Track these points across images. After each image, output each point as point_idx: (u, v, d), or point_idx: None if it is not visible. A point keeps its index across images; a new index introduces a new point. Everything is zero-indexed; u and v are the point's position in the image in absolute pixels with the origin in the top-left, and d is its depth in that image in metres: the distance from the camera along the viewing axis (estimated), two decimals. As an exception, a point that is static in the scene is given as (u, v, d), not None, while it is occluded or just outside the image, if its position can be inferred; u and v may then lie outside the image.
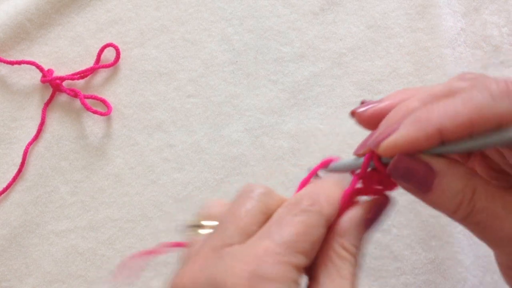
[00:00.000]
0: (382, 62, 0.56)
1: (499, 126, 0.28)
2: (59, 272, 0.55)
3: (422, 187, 0.31)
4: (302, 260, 0.30)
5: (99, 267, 0.55)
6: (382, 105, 0.34)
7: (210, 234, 0.32)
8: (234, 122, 0.56)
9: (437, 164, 0.30)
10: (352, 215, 0.33)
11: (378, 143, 0.31)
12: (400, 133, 0.30)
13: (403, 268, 0.53)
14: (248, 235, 0.31)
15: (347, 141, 0.55)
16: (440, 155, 0.31)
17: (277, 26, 0.57)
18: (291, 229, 0.30)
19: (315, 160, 0.55)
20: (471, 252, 0.52)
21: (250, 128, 0.56)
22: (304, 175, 0.55)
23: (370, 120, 0.35)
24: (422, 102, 0.31)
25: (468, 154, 0.38)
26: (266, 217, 0.32)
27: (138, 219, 0.55)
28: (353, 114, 0.36)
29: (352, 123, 0.55)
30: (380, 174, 0.33)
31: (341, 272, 0.31)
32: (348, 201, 0.33)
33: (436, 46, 0.55)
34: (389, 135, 0.31)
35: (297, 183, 0.55)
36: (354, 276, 0.31)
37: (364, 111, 0.35)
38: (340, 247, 0.31)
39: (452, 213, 0.31)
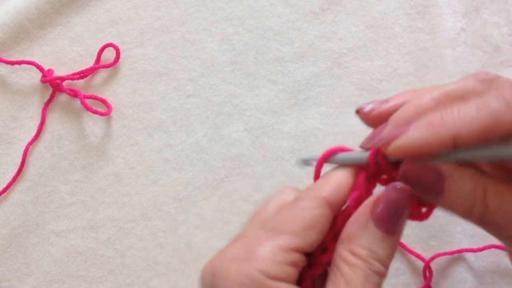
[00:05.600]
0: (382, 62, 0.56)
1: None
2: (59, 272, 0.55)
3: (433, 191, 0.30)
4: (287, 241, 0.30)
5: (99, 267, 0.55)
6: (388, 105, 0.33)
7: None
8: (234, 122, 0.56)
9: (445, 167, 0.30)
10: (358, 215, 0.31)
11: (386, 143, 0.30)
12: (411, 135, 0.29)
13: (403, 268, 0.53)
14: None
15: (347, 141, 0.55)
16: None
17: (277, 26, 0.57)
18: (281, 214, 0.31)
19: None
20: (471, 252, 0.52)
21: (250, 128, 0.56)
22: (303, 175, 0.55)
23: (376, 121, 0.33)
24: (435, 102, 0.30)
25: None
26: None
27: (138, 219, 0.55)
28: (358, 112, 0.35)
29: (352, 123, 0.55)
30: (386, 172, 0.33)
31: (348, 280, 0.29)
32: (358, 199, 0.32)
33: (436, 46, 0.55)
34: (398, 135, 0.30)
35: (297, 183, 0.55)
36: (366, 284, 0.29)
37: (370, 111, 0.34)
38: (347, 253, 0.30)
39: (467, 215, 0.30)
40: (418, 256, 0.52)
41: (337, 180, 0.32)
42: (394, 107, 0.33)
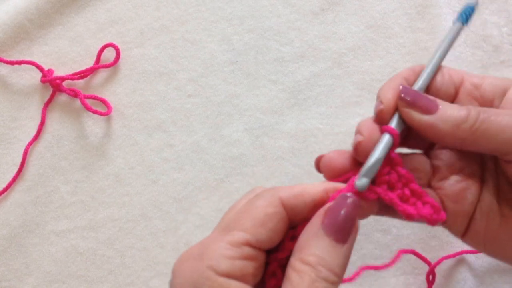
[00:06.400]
0: (382, 62, 0.56)
1: None
2: (59, 272, 0.55)
3: (431, 105, 0.35)
4: (236, 236, 0.31)
5: (99, 267, 0.55)
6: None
7: None
8: (234, 122, 0.56)
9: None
10: (310, 225, 0.32)
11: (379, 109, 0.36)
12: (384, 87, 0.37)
13: (403, 268, 0.53)
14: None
15: (347, 141, 0.55)
16: None
17: (277, 26, 0.57)
18: (237, 213, 0.32)
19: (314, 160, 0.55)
20: (472, 253, 0.52)
21: (250, 128, 0.56)
22: (303, 175, 0.55)
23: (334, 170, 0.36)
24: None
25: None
26: None
27: (138, 219, 0.55)
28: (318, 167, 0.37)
29: (352, 123, 0.55)
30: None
31: (295, 286, 0.29)
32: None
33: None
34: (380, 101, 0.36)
35: (297, 183, 0.55)
36: None
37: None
38: (297, 261, 0.30)
39: (459, 125, 0.34)
40: (424, 260, 0.52)
41: (301, 187, 0.33)
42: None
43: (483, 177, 0.37)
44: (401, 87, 0.35)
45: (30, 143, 0.56)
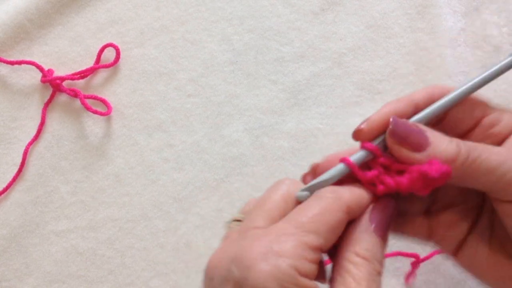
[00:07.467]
0: (382, 62, 0.56)
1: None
2: (59, 272, 0.55)
3: (421, 142, 0.33)
4: (314, 239, 0.31)
5: (99, 267, 0.55)
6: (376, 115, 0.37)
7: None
8: (234, 122, 0.56)
9: (422, 125, 0.35)
10: (360, 223, 0.34)
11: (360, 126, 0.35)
12: (383, 109, 0.35)
13: (403, 268, 0.53)
14: (271, 219, 0.33)
15: (347, 141, 0.55)
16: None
17: (277, 26, 0.57)
18: (306, 212, 0.32)
19: (315, 160, 0.55)
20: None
21: (250, 128, 0.56)
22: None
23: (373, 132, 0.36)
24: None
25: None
26: (288, 204, 0.34)
27: (138, 219, 0.55)
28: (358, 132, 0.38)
29: (352, 123, 0.55)
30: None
31: (356, 278, 0.31)
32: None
33: (436, 46, 0.55)
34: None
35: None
36: (371, 281, 0.32)
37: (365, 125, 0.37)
38: (352, 255, 0.32)
39: (454, 159, 0.33)
40: (411, 255, 0.52)
41: (359, 192, 0.34)
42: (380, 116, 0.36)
43: (482, 208, 0.38)
44: (391, 119, 0.34)
45: (30, 143, 0.56)
